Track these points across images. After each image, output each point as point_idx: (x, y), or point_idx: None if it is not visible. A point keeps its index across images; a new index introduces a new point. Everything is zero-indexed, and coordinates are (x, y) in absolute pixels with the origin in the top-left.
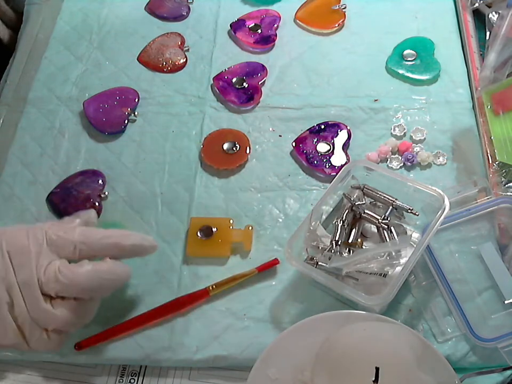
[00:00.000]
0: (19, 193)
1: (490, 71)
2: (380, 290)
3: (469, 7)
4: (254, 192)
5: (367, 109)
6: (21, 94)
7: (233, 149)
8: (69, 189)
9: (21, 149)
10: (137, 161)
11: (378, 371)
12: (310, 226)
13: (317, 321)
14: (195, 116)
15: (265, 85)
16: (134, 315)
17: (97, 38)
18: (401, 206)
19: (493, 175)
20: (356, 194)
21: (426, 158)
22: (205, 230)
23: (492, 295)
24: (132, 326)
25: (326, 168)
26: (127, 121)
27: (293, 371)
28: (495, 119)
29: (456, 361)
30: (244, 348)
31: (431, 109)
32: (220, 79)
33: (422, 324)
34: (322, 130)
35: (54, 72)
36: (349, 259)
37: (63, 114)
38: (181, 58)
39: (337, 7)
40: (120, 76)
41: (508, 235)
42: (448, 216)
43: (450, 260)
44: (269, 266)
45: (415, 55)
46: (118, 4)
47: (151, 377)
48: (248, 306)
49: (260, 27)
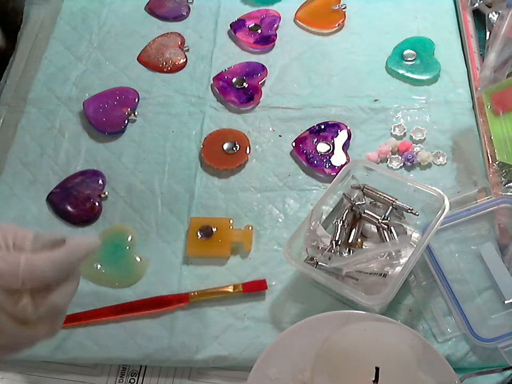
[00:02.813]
0: (19, 193)
1: (490, 71)
2: (380, 290)
3: (469, 7)
4: (254, 192)
5: (367, 109)
6: (21, 94)
7: (233, 149)
8: (69, 189)
9: (21, 149)
10: (137, 161)
11: (378, 371)
12: (310, 226)
13: (317, 321)
14: (195, 116)
15: (265, 85)
16: None
17: (97, 38)
18: (401, 206)
19: (493, 175)
20: (356, 194)
21: (426, 158)
22: (204, 230)
23: (492, 295)
24: (107, 313)
25: (326, 168)
26: (127, 121)
27: (293, 371)
28: (495, 119)
29: (456, 361)
30: (244, 348)
31: (431, 109)
32: (220, 79)
33: (422, 324)
34: (322, 130)
35: (54, 72)
36: (349, 259)
37: (63, 114)
38: (181, 58)
39: (337, 7)
40: (120, 76)
41: (508, 235)
42: (448, 216)
43: (450, 260)
44: (256, 289)
45: (415, 55)
46: (118, 3)
47: (151, 377)
48: (248, 306)
49: (259, 27)
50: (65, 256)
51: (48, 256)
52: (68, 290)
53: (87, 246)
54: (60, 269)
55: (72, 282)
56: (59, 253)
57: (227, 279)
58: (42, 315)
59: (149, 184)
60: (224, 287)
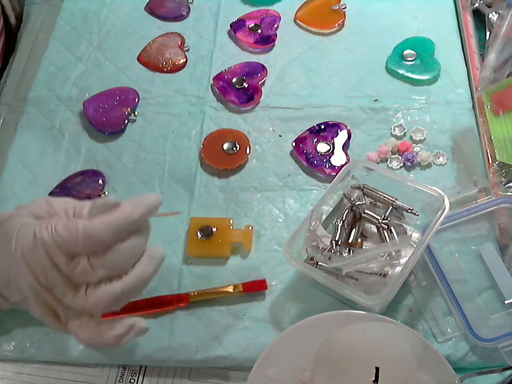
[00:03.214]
0: (19, 193)
1: (490, 71)
2: (380, 290)
3: (469, 7)
4: (254, 192)
5: (367, 109)
6: (21, 94)
7: (233, 149)
8: (69, 189)
9: (21, 149)
10: (137, 161)
11: (378, 371)
12: (310, 226)
13: (317, 321)
14: (195, 116)
15: (265, 85)
16: None
17: (97, 38)
18: (401, 206)
19: (493, 175)
20: (356, 194)
21: (426, 158)
22: (204, 230)
23: (492, 295)
24: (107, 313)
25: (326, 168)
26: (127, 121)
27: (293, 371)
28: (495, 119)
29: (456, 361)
30: (244, 348)
31: (431, 109)
32: (220, 79)
33: (422, 324)
34: (322, 130)
35: (54, 72)
36: (349, 259)
37: (63, 114)
38: (181, 58)
39: (337, 7)
40: (120, 76)
41: (508, 235)
42: (448, 216)
43: (450, 260)
44: (256, 289)
45: (415, 55)
46: (118, 4)
47: (151, 377)
48: (248, 306)
49: (260, 27)
50: (118, 217)
51: (101, 219)
52: (125, 249)
53: (142, 205)
54: (116, 231)
55: (133, 241)
56: (112, 215)
57: (227, 279)
58: (100, 276)
59: (149, 184)
60: (224, 287)
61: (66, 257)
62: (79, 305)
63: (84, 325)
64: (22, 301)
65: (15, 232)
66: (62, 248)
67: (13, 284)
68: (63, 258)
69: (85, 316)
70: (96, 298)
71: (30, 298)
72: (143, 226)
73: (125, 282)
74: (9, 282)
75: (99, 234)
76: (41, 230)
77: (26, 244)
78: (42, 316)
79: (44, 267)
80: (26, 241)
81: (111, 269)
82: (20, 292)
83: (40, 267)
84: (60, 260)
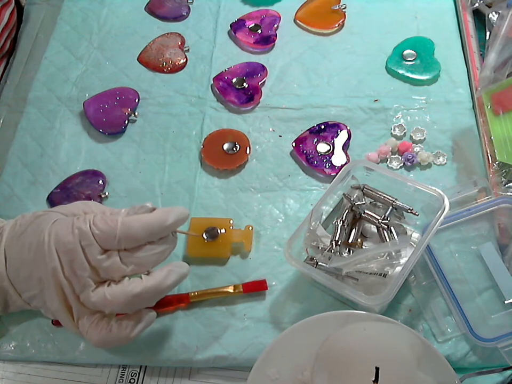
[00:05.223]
0: (19, 193)
1: (490, 71)
2: (380, 290)
3: (469, 7)
4: (254, 192)
5: (367, 109)
6: (21, 94)
7: (233, 149)
8: (69, 189)
9: (21, 149)
10: (137, 161)
11: (378, 371)
12: (310, 226)
13: (317, 321)
14: (195, 116)
15: (265, 85)
16: None
17: (97, 38)
18: (401, 206)
19: (493, 175)
20: (356, 194)
21: (426, 158)
22: (210, 232)
23: (492, 295)
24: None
25: (326, 168)
26: (127, 121)
27: (293, 371)
28: (495, 119)
29: (456, 361)
30: (244, 348)
31: (431, 109)
32: (220, 79)
33: (422, 324)
34: (322, 131)
35: (54, 72)
36: (349, 259)
37: (63, 114)
38: (181, 59)
39: (337, 7)
40: (120, 76)
41: (508, 235)
42: (448, 216)
43: (450, 260)
44: (256, 289)
45: (415, 55)
46: (118, 4)
47: (151, 377)
48: (248, 306)
49: (260, 27)
50: (154, 218)
51: (139, 218)
52: (154, 251)
53: (175, 213)
54: (150, 230)
55: (161, 246)
56: (148, 216)
57: (227, 279)
58: (126, 272)
59: (149, 184)
60: (224, 287)
61: (99, 249)
62: (96, 301)
63: (95, 324)
64: (38, 295)
65: (49, 223)
66: (98, 238)
67: (34, 275)
68: (96, 248)
69: (98, 315)
70: (114, 294)
71: (50, 286)
72: (171, 236)
73: (145, 285)
74: (31, 276)
75: (136, 230)
76: (79, 221)
77: (61, 231)
78: (58, 307)
79: (73, 255)
80: (61, 229)
81: (138, 267)
82: (40, 283)
83: (69, 255)
84: (92, 250)
